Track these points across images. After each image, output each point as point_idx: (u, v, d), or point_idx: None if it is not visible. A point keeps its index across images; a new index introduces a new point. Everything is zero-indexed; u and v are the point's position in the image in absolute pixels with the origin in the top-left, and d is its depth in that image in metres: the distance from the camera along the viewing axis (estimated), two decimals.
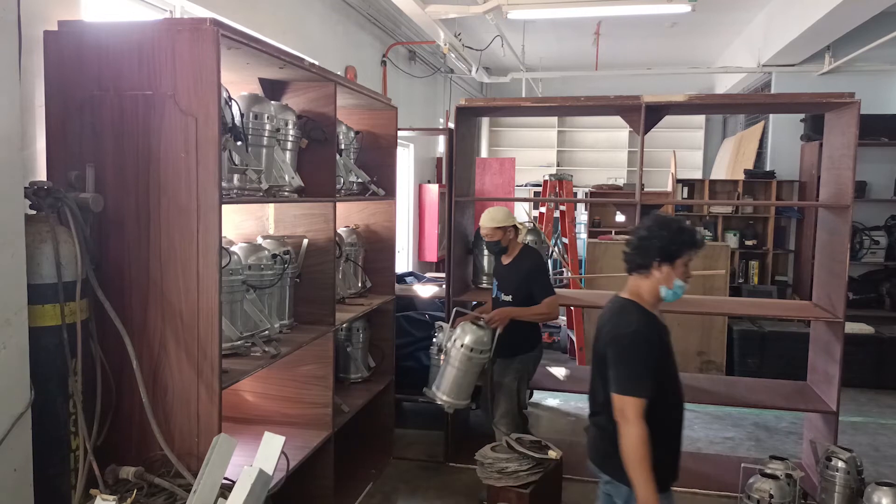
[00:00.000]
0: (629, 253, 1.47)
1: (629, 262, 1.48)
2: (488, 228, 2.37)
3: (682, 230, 1.43)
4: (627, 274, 1.49)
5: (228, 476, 1.31)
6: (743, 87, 5.97)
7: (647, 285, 1.45)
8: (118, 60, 1.48)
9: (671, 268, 1.43)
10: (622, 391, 1.37)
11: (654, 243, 1.42)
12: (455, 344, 2.19)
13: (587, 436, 1.58)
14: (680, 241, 1.42)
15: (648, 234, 1.44)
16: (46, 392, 1.35)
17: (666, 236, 1.42)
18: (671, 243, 1.42)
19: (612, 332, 1.43)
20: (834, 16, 3.69)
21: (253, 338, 1.74)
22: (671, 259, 1.42)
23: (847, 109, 2.42)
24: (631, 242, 1.48)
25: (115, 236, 1.50)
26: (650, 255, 1.43)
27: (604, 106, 2.79)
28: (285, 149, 1.90)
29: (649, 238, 1.43)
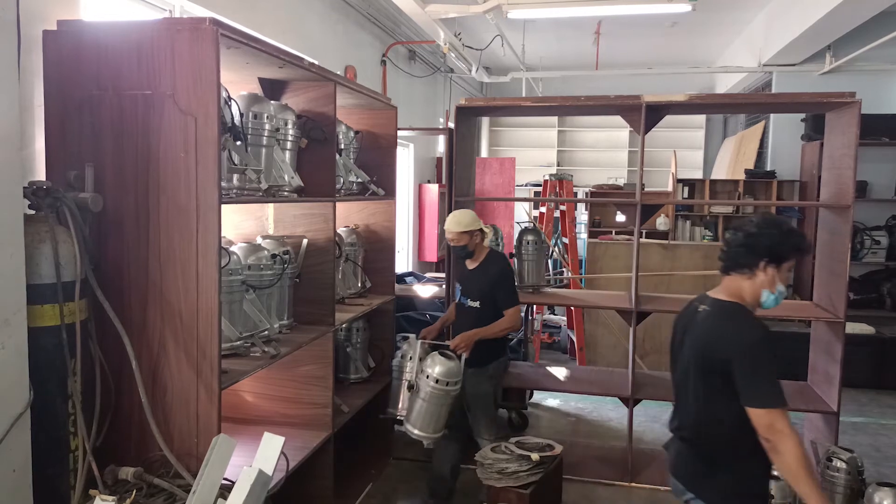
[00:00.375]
0: (731, 250, 1.35)
1: (730, 259, 1.35)
2: (454, 233, 2.23)
3: (792, 232, 1.34)
4: (723, 273, 1.37)
5: (228, 476, 1.31)
6: (743, 86, 5.96)
7: (748, 287, 1.33)
8: (117, 60, 1.47)
9: (777, 270, 1.32)
10: (769, 404, 1.23)
11: (764, 242, 1.31)
12: (425, 378, 2.05)
13: (670, 452, 1.45)
14: (790, 243, 1.32)
15: (758, 231, 1.33)
16: (45, 392, 1.35)
17: (776, 235, 1.32)
18: (781, 244, 1.32)
19: (737, 341, 1.28)
20: (834, 15, 3.68)
21: (252, 338, 1.74)
22: (779, 261, 1.32)
23: (848, 109, 2.42)
24: (734, 239, 1.36)
25: (114, 236, 1.50)
26: (758, 254, 1.31)
27: (604, 106, 2.78)
28: (285, 148, 1.89)
29: (758, 236, 1.32)
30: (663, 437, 3.04)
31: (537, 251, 2.87)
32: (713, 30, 5.31)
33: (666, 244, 4.15)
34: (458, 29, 4.58)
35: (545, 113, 5.43)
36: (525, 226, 3.77)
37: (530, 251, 2.87)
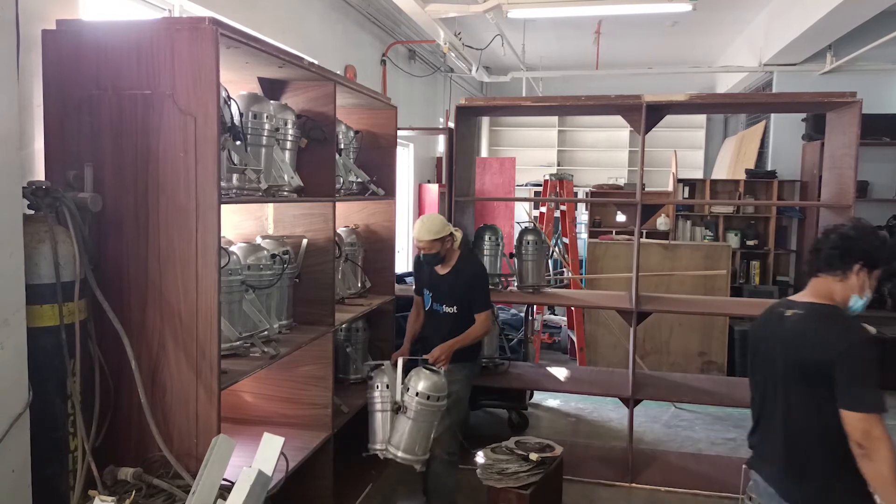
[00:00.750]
0: (825, 251, 1.32)
1: (822, 260, 1.33)
2: (426, 241, 2.12)
3: (887, 241, 1.35)
4: (812, 275, 1.35)
5: (227, 477, 1.31)
6: (744, 86, 5.95)
7: (840, 289, 1.32)
8: (117, 59, 1.47)
9: (868, 276, 1.31)
10: (868, 409, 1.20)
11: (862, 246, 1.31)
12: (412, 396, 1.95)
13: (757, 468, 1.40)
14: (886, 251, 1.32)
15: (856, 235, 1.32)
16: (44, 393, 1.35)
17: (874, 241, 1.32)
18: (878, 250, 1.31)
19: (840, 342, 1.25)
20: (835, 15, 3.68)
21: (252, 338, 1.74)
22: (873, 267, 1.31)
23: (848, 109, 2.42)
24: (828, 241, 1.33)
25: (113, 236, 1.49)
26: (854, 257, 1.30)
27: (604, 105, 2.78)
28: (284, 148, 1.89)
29: (856, 239, 1.31)
30: (663, 438, 3.08)
31: (537, 251, 2.87)
32: (714, 29, 5.30)
33: (666, 244, 4.14)
34: (458, 28, 4.57)
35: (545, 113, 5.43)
36: (525, 226, 3.77)
37: (530, 251, 2.87)
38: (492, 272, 2.89)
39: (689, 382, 2.88)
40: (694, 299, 2.98)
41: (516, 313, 3.80)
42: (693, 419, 3.26)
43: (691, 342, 3.88)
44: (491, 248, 2.88)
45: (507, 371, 2.90)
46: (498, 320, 2.96)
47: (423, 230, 2.14)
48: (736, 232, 5.19)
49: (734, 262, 4.83)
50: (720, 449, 2.97)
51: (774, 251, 5.13)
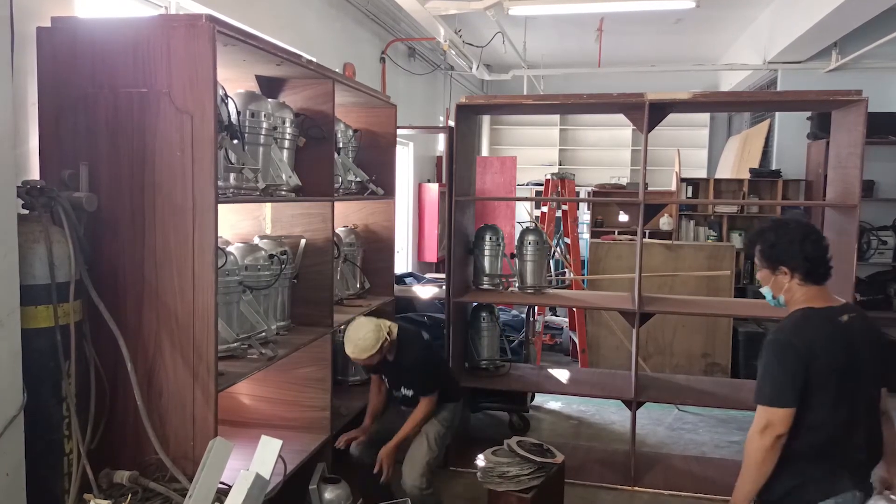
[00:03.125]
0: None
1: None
2: (362, 361, 2.00)
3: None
4: (824, 283, 1.40)
5: (224, 480, 1.30)
6: (748, 84, 5.91)
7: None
8: (112, 57, 1.45)
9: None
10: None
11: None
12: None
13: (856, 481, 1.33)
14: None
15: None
16: (39, 395, 1.33)
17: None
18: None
19: (884, 336, 1.41)
20: (841, 12, 3.64)
21: (249, 339, 1.72)
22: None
23: (854, 107, 2.38)
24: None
25: (109, 236, 1.48)
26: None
27: (607, 104, 2.75)
28: (282, 147, 1.87)
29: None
30: (666, 441, 3.05)
31: (539, 251, 2.84)
32: (717, 27, 5.26)
33: (669, 244, 4.11)
34: (459, 26, 4.55)
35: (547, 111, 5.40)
36: (526, 226, 3.74)
37: (531, 251, 2.84)
38: (492, 273, 2.87)
39: (693, 384, 2.85)
40: (697, 300, 2.95)
41: (517, 314, 3.78)
42: (697, 422, 3.23)
43: (695, 344, 3.85)
44: (491, 248, 2.87)
45: (507, 373, 2.88)
46: (499, 322, 2.93)
47: (356, 349, 1.97)
48: (740, 232, 5.15)
49: (738, 262, 4.79)
50: (724, 452, 2.94)
51: None
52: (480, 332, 2.85)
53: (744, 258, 5.04)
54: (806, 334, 1.32)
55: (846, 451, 1.33)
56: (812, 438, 1.31)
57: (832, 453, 1.32)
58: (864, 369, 1.34)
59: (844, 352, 1.32)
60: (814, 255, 1.37)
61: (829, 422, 1.31)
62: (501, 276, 2.89)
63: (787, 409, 1.28)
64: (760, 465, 1.29)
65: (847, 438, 1.33)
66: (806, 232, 1.39)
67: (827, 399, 1.31)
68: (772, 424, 1.28)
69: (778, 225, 1.42)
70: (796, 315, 1.35)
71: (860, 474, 1.35)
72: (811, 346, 1.31)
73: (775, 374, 1.30)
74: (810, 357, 1.30)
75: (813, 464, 1.32)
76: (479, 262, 2.89)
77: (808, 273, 1.37)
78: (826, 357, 1.31)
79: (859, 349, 1.34)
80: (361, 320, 2.04)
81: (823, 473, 1.31)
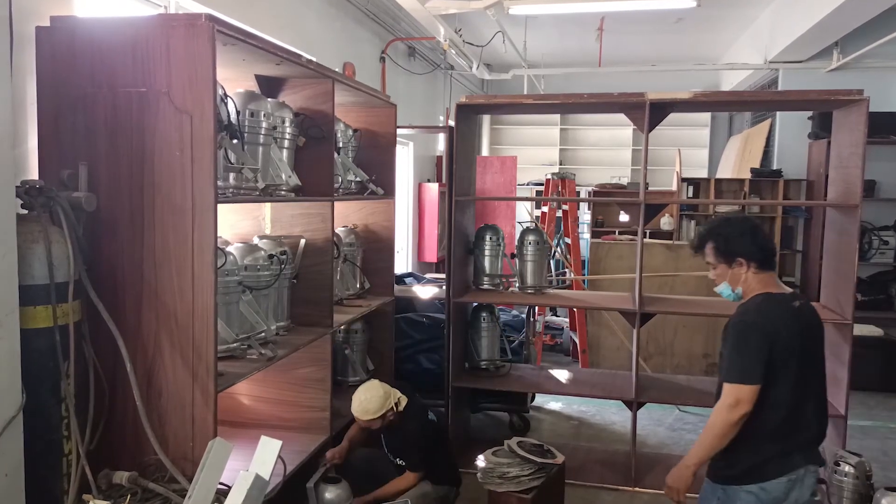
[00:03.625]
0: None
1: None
2: (364, 421, 2.00)
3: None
4: (772, 269, 1.49)
5: (224, 481, 1.29)
6: (749, 84, 5.90)
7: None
8: (112, 57, 1.45)
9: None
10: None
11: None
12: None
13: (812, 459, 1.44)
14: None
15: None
16: (38, 395, 1.33)
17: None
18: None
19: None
20: (842, 11, 3.63)
21: (249, 340, 1.72)
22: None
23: (856, 107, 2.37)
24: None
25: (108, 236, 1.48)
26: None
27: (607, 103, 2.75)
28: (282, 147, 1.87)
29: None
30: (667, 441, 3.04)
31: (539, 251, 2.83)
32: (718, 26, 5.25)
33: (670, 244, 4.10)
34: (459, 25, 4.54)
35: (547, 111, 5.39)
36: (527, 226, 3.74)
37: (532, 251, 2.84)
38: (493, 273, 2.86)
39: (694, 385, 2.84)
40: (698, 300, 2.94)
41: (517, 315, 3.77)
42: (697, 422, 3.22)
43: (695, 344, 3.84)
44: (492, 248, 2.86)
45: (508, 373, 2.87)
46: (499, 322, 2.92)
47: (360, 410, 1.98)
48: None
49: None
50: None
51: (780, 251, 5.07)
52: (480, 332, 2.84)
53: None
54: (770, 315, 1.41)
55: (799, 429, 1.42)
56: (771, 415, 1.40)
57: (787, 432, 1.41)
58: (815, 351, 1.46)
59: (800, 334, 1.42)
60: (763, 243, 1.48)
61: (788, 400, 1.40)
62: (502, 276, 2.88)
63: (754, 386, 1.37)
64: (723, 437, 1.40)
65: (801, 415, 1.43)
66: (751, 224, 1.50)
67: (787, 377, 1.39)
68: (741, 401, 1.37)
69: (725, 221, 1.52)
70: (758, 299, 1.43)
71: (810, 450, 1.46)
72: (776, 327, 1.40)
73: (744, 354, 1.37)
74: (775, 337, 1.39)
75: (770, 442, 1.41)
76: (479, 262, 2.88)
77: (762, 261, 1.46)
78: (788, 338, 1.40)
79: (812, 332, 1.46)
80: (374, 383, 2.04)
81: (778, 453, 1.41)
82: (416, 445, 2.06)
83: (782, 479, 1.39)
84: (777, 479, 1.39)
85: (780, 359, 1.39)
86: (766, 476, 1.39)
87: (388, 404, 2.00)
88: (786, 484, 1.39)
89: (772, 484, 1.39)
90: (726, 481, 1.44)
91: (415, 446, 2.05)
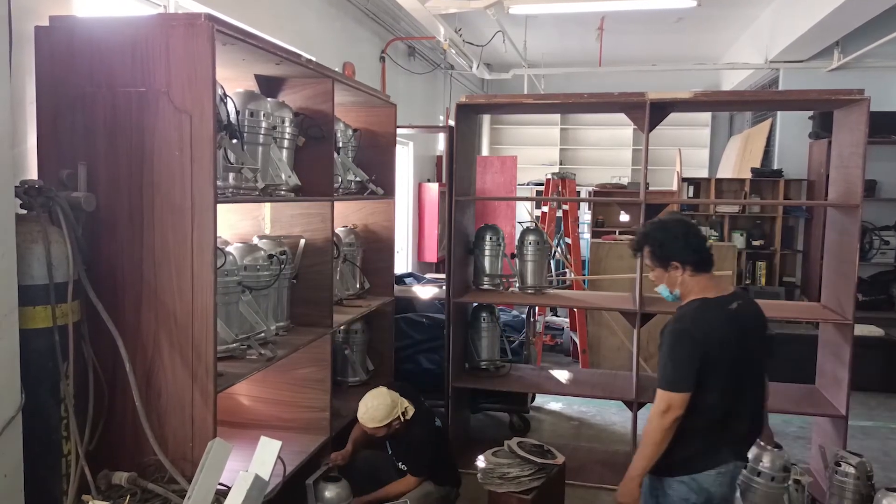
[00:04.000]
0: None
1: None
2: (371, 429, 1.99)
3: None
4: (710, 270, 1.54)
5: (224, 482, 1.29)
6: (750, 83, 5.90)
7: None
8: (111, 56, 1.45)
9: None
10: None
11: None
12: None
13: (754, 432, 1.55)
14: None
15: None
16: (37, 396, 1.33)
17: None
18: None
19: (766, 320, 1.55)
20: (843, 11, 3.62)
21: (248, 340, 1.71)
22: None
23: (856, 106, 2.37)
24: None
25: (107, 236, 1.47)
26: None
27: (608, 103, 2.74)
28: (282, 147, 1.87)
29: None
30: None
31: (539, 252, 2.83)
32: (719, 26, 5.25)
33: None
34: (459, 25, 4.54)
35: (547, 110, 5.39)
36: (527, 226, 3.73)
37: (532, 251, 2.83)
38: (493, 273, 2.86)
39: None
40: None
41: (518, 315, 3.77)
42: None
43: None
44: (492, 248, 2.85)
45: (508, 374, 2.86)
46: (499, 322, 2.92)
47: (367, 418, 1.97)
48: (741, 232, 5.14)
49: (740, 262, 4.78)
50: None
51: (781, 251, 5.07)
52: (480, 332, 2.83)
53: (745, 258, 5.02)
54: (703, 324, 1.45)
55: (731, 428, 1.48)
56: (704, 416, 1.45)
57: (718, 430, 1.48)
58: (753, 353, 1.49)
59: (736, 338, 1.46)
60: (698, 246, 1.51)
61: (721, 404, 1.46)
62: (502, 276, 2.87)
63: (685, 394, 1.42)
64: (659, 444, 1.44)
65: (733, 416, 1.48)
66: (686, 228, 1.53)
67: (719, 383, 1.45)
68: (672, 407, 1.42)
69: (660, 225, 1.56)
70: (693, 305, 1.48)
71: (741, 447, 1.53)
72: (708, 335, 1.44)
73: (676, 361, 1.43)
74: (707, 345, 1.43)
75: (701, 438, 1.47)
76: (479, 262, 2.88)
77: (697, 264, 1.50)
78: (721, 344, 1.44)
79: (749, 334, 1.48)
80: (382, 390, 2.03)
81: (708, 447, 1.47)
82: (422, 452, 2.06)
83: (711, 472, 1.46)
84: (707, 472, 1.46)
85: (713, 366, 1.43)
86: (696, 468, 1.46)
87: (395, 413, 2.00)
88: (715, 477, 1.47)
89: (702, 476, 1.46)
90: (660, 472, 1.49)
91: (420, 453, 2.05)
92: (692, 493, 1.46)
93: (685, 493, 1.46)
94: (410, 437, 2.05)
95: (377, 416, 1.98)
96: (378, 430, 2.01)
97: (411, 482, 2.04)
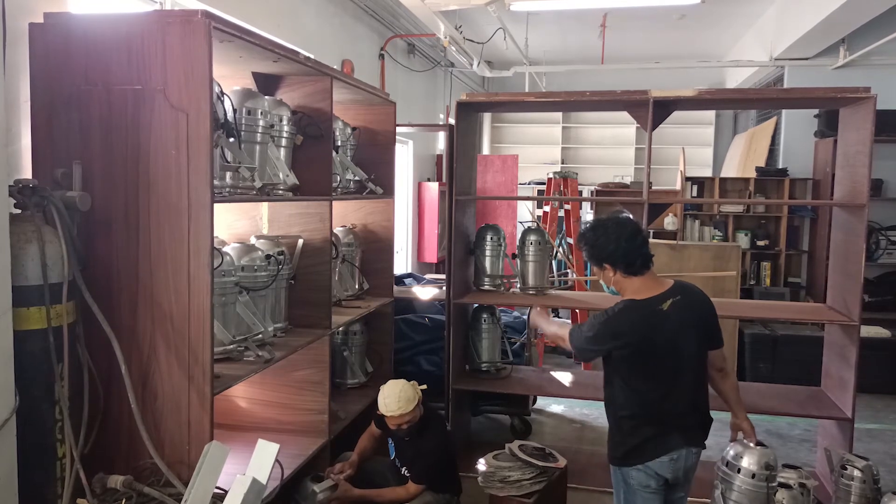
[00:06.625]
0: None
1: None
2: (408, 413, 1.90)
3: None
4: (648, 269, 1.63)
5: (220, 485, 1.28)
6: (754, 81, 5.85)
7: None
8: (106, 54, 1.43)
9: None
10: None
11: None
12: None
13: (680, 433, 1.60)
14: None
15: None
16: (32, 398, 1.32)
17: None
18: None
19: (711, 308, 1.65)
20: (849, 7, 3.59)
21: (246, 341, 1.70)
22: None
23: (862, 105, 2.34)
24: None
25: (102, 236, 1.46)
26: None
27: (610, 101, 2.71)
28: (280, 145, 1.85)
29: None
30: None
31: (541, 252, 2.81)
32: (723, 23, 5.21)
33: (674, 244, 4.06)
34: (459, 22, 4.51)
35: (549, 109, 5.37)
36: (528, 225, 3.70)
37: (533, 252, 2.81)
38: (494, 273, 2.84)
39: None
40: None
41: (519, 316, 3.75)
42: None
43: None
44: (493, 248, 2.83)
45: (509, 376, 2.84)
46: (500, 323, 2.90)
47: (403, 400, 1.87)
48: (746, 232, 5.10)
49: (744, 262, 4.75)
50: None
51: (786, 252, 5.03)
52: (481, 333, 2.82)
53: (750, 259, 4.98)
54: (617, 324, 1.57)
55: (672, 416, 1.58)
56: (638, 401, 1.58)
57: (660, 417, 1.58)
58: (683, 348, 1.58)
59: (662, 335, 1.56)
60: (628, 252, 1.58)
61: (648, 389, 1.58)
62: (503, 276, 2.85)
63: (583, 352, 1.66)
64: (561, 342, 1.70)
65: (671, 404, 1.58)
66: (620, 232, 1.59)
67: (650, 373, 1.58)
68: (566, 341, 1.66)
69: (596, 227, 1.63)
70: (619, 306, 1.59)
71: (692, 434, 1.62)
72: (617, 334, 1.57)
73: (589, 336, 1.59)
74: (615, 342, 1.58)
75: (648, 426, 1.58)
76: (479, 262, 2.86)
77: (627, 267, 1.59)
78: (637, 341, 1.56)
79: (677, 331, 1.57)
80: (396, 380, 2.00)
81: (656, 434, 1.57)
82: (430, 459, 2.00)
83: (664, 458, 1.56)
84: (659, 459, 1.56)
85: (629, 357, 1.57)
86: (648, 457, 1.56)
87: (419, 394, 1.98)
88: (668, 463, 1.56)
89: (655, 463, 1.56)
90: (620, 463, 1.62)
91: (428, 459, 1.99)
92: (650, 479, 1.57)
93: (644, 479, 1.57)
94: (422, 442, 2.00)
95: (407, 396, 1.91)
96: (407, 415, 1.92)
97: (411, 489, 1.99)
